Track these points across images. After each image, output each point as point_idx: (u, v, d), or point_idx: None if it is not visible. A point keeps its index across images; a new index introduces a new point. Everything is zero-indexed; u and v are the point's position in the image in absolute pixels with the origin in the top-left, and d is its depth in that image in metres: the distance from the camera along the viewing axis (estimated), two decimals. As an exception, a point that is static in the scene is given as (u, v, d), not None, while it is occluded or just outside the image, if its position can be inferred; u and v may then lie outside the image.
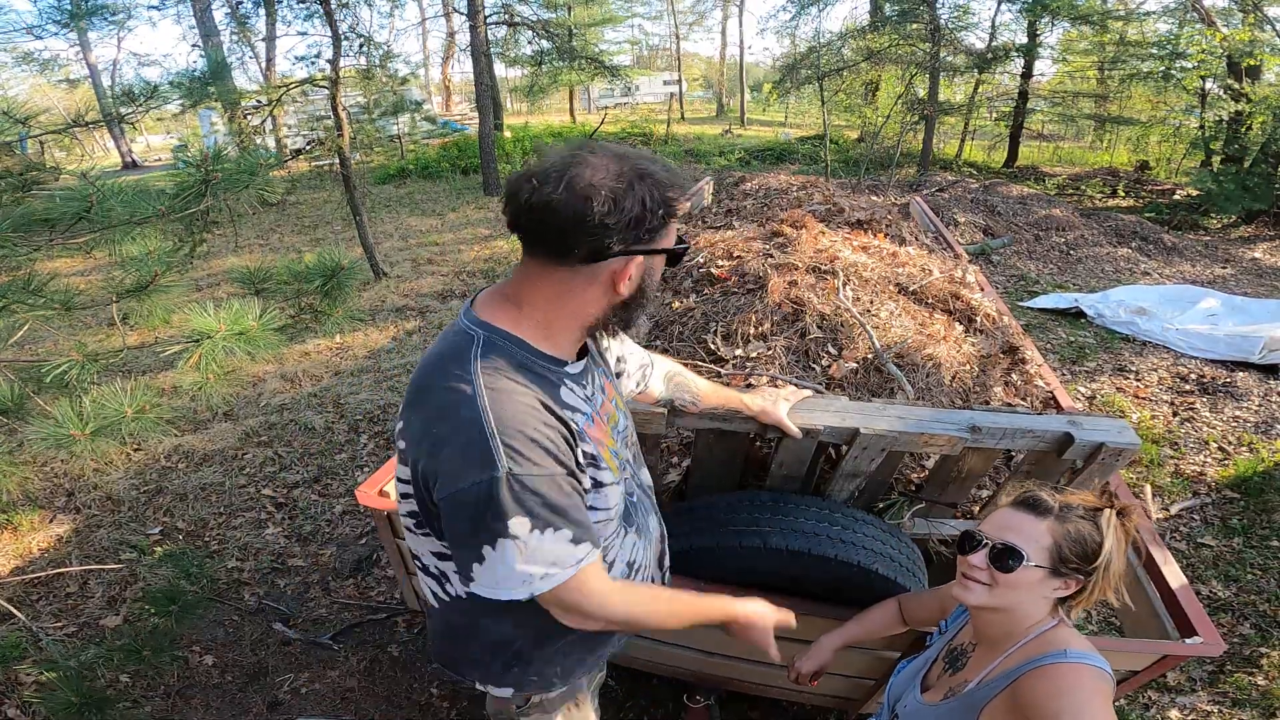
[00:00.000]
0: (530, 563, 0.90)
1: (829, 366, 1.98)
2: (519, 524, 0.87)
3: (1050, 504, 1.07)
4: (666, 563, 1.37)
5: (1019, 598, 1.05)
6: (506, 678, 1.17)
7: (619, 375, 1.34)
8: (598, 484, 1.02)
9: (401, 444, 0.99)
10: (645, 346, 1.67)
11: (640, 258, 0.94)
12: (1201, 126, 11.36)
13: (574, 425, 0.96)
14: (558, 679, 1.19)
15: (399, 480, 1.02)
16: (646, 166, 0.91)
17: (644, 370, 1.40)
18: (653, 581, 1.27)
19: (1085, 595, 1.06)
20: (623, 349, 1.34)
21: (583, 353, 1.07)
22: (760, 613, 1.19)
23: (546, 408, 0.93)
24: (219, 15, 12.95)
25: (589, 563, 0.95)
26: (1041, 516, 1.06)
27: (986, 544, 1.07)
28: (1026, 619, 1.07)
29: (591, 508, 1.01)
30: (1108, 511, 1.06)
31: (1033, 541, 1.04)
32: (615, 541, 1.11)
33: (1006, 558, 1.04)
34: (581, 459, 0.97)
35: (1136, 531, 1.10)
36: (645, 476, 1.30)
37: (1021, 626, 1.07)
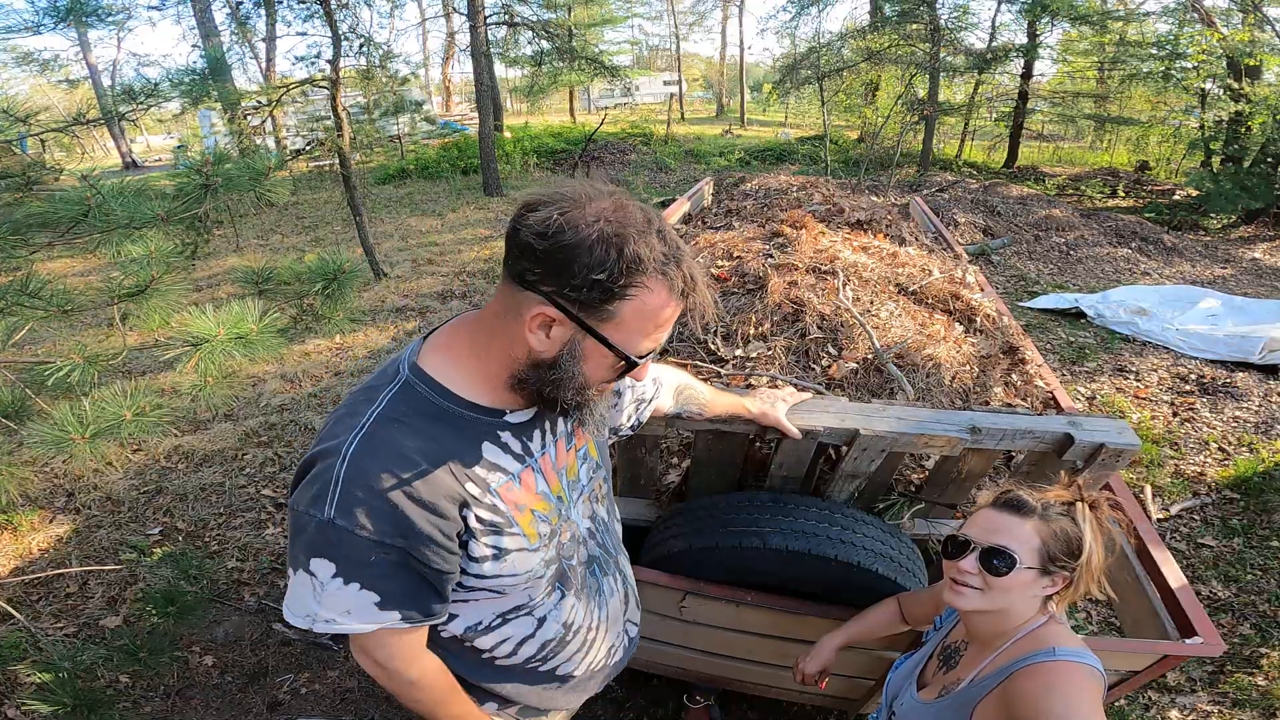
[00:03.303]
0: (321, 604, 0.88)
1: (829, 367, 1.98)
2: (322, 565, 0.85)
3: (1033, 504, 1.07)
4: (629, 618, 1.32)
5: (1011, 599, 1.05)
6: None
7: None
8: (499, 551, 0.94)
9: None
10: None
11: (564, 317, 0.81)
12: (1201, 127, 11.35)
13: (472, 492, 0.90)
14: (496, 704, 1.15)
15: None
16: (638, 229, 0.78)
17: (639, 405, 1.33)
18: (607, 647, 1.24)
19: (1070, 590, 1.06)
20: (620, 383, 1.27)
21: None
22: None
23: (439, 468, 0.87)
24: (219, 16, 12.98)
25: (391, 627, 0.91)
26: (1026, 517, 1.06)
27: (975, 548, 1.06)
28: (1017, 618, 1.07)
29: (482, 575, 0.95)
30: (1080, 505, 1.07)
31: (1022, 543, 1.04)
32: (545, 602, 1.07)
33: (999, 561, 1.04)
34: (475, 524, 0.91)
35: (1130, 528, 1.10)
36: (614, 531, 1.25)
37: (1012, 625, 1.07)
